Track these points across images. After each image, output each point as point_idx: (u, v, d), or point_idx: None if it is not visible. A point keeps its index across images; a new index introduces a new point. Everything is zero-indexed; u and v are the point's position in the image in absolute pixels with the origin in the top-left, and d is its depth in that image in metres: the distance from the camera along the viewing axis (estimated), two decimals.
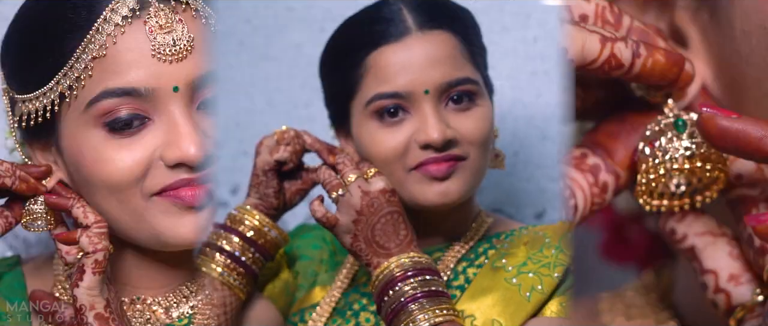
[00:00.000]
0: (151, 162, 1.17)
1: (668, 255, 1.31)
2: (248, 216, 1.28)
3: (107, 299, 1.16)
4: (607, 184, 1.05)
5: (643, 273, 1.36)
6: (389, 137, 1.24)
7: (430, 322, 1.16)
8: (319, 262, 1.40)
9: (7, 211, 1.20)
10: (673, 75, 0.99)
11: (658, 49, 0.99)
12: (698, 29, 1.04)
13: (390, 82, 1.23)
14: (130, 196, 1.17)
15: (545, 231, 1.29)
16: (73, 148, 1.19)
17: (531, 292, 1.22)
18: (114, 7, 1.16)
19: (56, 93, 1.17)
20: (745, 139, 0.91)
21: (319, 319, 1.32)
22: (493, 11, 1.71)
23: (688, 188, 1.05)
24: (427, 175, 1.23)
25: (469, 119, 1.25)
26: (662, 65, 0.98)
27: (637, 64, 0.98)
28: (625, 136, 1.06)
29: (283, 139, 1.29)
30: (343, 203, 1.22)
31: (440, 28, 1.25)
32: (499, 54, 1.72)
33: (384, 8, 1.27)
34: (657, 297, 1.28)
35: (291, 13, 1.81)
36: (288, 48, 1.80)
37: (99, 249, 1.15)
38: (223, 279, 1.25)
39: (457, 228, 1.33)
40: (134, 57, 1.15)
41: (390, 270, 1.20)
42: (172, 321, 1.26)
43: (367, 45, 1.25)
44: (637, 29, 1.02)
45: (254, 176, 1.30)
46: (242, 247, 1.26)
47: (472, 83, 1.26)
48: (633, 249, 1.53)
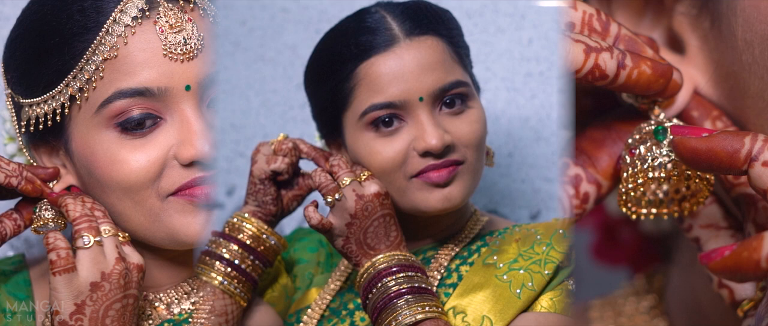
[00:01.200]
0: (166, 161, 1.18)
1: (660, 258, 1.31)
2: (246, 224, 1.28)
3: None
4: (588, 194, 1.04)
5: (635, 279, 1.34)
6: (387, 147, 1.25)
7: (414, 318, 1.17)
8: (315, 265, 1.41)
9: (16, 214, 1.21)
10: (659, 85, 0.99)
11: (644, 59, 0.98)
12: (698, 36, 1.03)
13: (383, 92, 1.23)
14: (145, 197, 1.18)
15: (537, 228, 1.30)
16: (85, 150, 1.19)
17: (521, 289, 1.22)
18: (123, 8, 1.16)
19: (66, 96, 1.17)
20: (716, 157, 0.90)
21: (311, 320, 1.34)
22: (487, 12, 1.73)
23: (677, 195, 1.04)
24: (429, 182, 1.24)
25: (463, 122, 1.26)
26: (648, 76, 0.97)
27: (622, 75, 0.97)
28: (610, 144, 1.05)
29: (280, 150, 1.29)
30: (338, 207, 1.23)
31: (427, 33, 1.25)
32: (494, 55, 1.74)
33: (366, 17, 1.27)
34: (648, 304, 1.27)
35: (286, 14, 1.82)
36: (283, 49, 1.81)
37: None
38: (224, 287, 1.25)
39: (452, 228, 1.34)
40: (146, 57, 1.16)
41: (375, 268, 1.21)
42: (173, 316, 1.27)
43: (356, 57, 1.25)
44: (625, 37, 1.01)
45: (251, 184, 1.30)
46: (241, 255, 1.26)
47: (464, 85, 1.26)
48: (625, 251, 1.51)
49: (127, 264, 1.15)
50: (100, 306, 1.13)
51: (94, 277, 1.13)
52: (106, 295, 1.13)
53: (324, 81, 1.29)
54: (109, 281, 1.13)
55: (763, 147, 0.84)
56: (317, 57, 1.32)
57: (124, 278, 1.14)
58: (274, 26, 1.82)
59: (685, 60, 1.04)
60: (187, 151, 1.16)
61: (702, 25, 1.01)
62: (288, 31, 1.81)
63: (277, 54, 1.82)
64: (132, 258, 1.17)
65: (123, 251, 1.16)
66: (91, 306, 1.13)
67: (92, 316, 1.13)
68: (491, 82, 1.73)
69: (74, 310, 1.12)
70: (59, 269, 1.12)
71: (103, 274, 1.13)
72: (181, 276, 1.29)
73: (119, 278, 1.14)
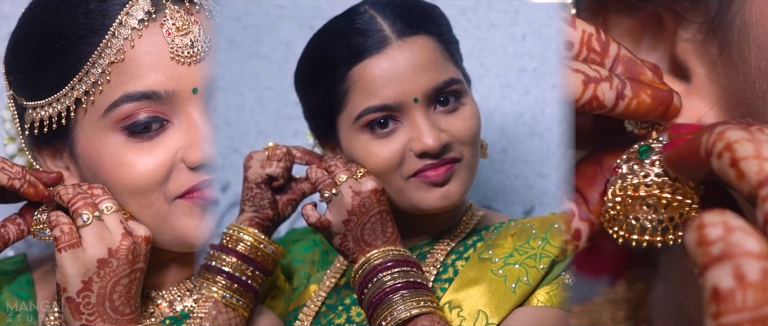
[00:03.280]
0: (173, 164, 1.18)
1: (644, 264, 1.29)
2: (244, 235, 1.26)
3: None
4: (579, 231, 1.00)
5: (616, 284, 1.30)
6: (383, 148, 1.25)
7: (410, 313, 1.18)
8: (311, 263, 1.42)
9: (19, 219, 1.22)
10: (659, 113, 0.95)
11: (644, 87, 0.95)
12: (705, 63, 0.98)
13: (378, 94, 1.24)
14: (153, 200, 1.18)
15: (533, 222, 1.31)
16: (91, 154, 1.19)
17: (516, 284, 1.23)
18: (129, 10, 1.16)
19: (71, 99, 1.17)
20: (686, 162, 0.86)
21: (307, 317, 1.35)
22: (481, 8, 1.74)
23: (671, 223, 0.98)
24: (427, 182, 1.25)
25: (458, 120, 1.27)
26: (647, 105, 0.94)
27: (621, 105, 0.94)
28: (600, 180, 1.01)
29: (274, 155, 1.29)
30: (335, 203, 1.24)
31: (418, 33, 1.26)
32: (488, 51, 1.74)
33: (356, 18, 1.27)
34: (625, 313, 1.25)
35: (281, 11, 1.82)
36: (278, 46, 1.81)
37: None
38: (226, 301, 1.24)
39: (448, 224, 1.35)
40: (153, 60, 1.16)
41: (370, 263, 1.22)
42: (176, 314, 1.27)
43: (349, 59, 1.25)
44: (625, 58, 0.97)
45: (247, 190, 1.29)
46: (241, 267, 1.25)
47: (457, 83, 1.27)
48: (606, 261, 1.47)
49: (134, 238, 1.15)
50: (107, 282, 1.13)
51: (101, 254, 1.13)
52: (114, 271, 1.13)
53: (316, 83, 1.30)
54: (117, 257, 1.14)
55: (716, 140, 0.83)
56: (308, 59, 1.33)
57: (132, 253, 1.15)
58: (268, 23, 1.83)
59: (690, 89, 1.01)
60: (195, 155, 1.17)
61: (709, 52, 0.98)
62: (282, 28, 1.81)
63: (272, 50, 1.82)
64: (138, 231, 1.17)
65: (128, 226, 1.16)
66: (99, 283, 1.13)
67: (100, 292, 1.13)
68: (485, 78, 1.74)
69: (82, 288, 1.13)
70: (64, 244, 1.13)
71: (110, 250, 1.14)
72: (184, 275, 1.30)
73: (127, 253, 1.14)
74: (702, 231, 0.72)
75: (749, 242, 0.71)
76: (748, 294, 0.68)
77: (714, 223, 0.72)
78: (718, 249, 0.71)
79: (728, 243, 0.71)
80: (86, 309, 1.13)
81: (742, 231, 0.71)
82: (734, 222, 0.72)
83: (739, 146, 0.77)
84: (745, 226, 0.72)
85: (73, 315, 1.13)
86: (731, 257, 0.70)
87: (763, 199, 0.73)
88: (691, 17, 0.96)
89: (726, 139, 0.79)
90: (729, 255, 0.70)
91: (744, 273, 0.69)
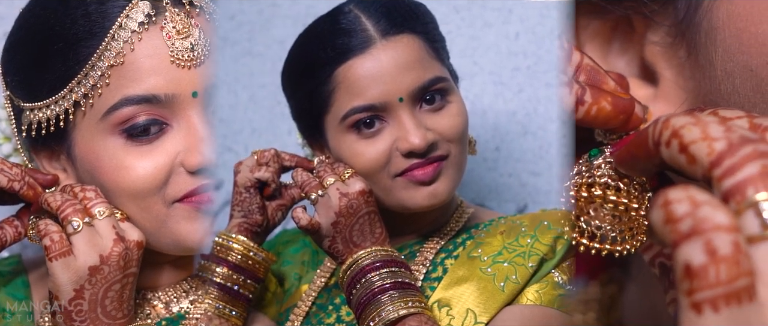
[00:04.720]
0: (172, 168, 1.18)
1: (618, 266, 1.29)
2: (233, 244, 1.27)
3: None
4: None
5: (590, 285, 1.34)
6: (370, 148, 1.26)
7: (398, 313, 1.19)
8: (300, 264, 1.43)
9: (17, 221, 1.21)
10: (619, 121, 0.95)
11: (605, 95, 0.94)
12: (672, 66, 0.98)
13: (363, 95, 1.24)
14: (152, 203, 1.18)
15: (523, 220, 1.31)
16: (90, 156, 1.19)
17: (505, 282, 1.24)
18: (129, 13, 1.15)
19: (70, 101, 1.17)
20: (637, 157, 0.84)
21: (297, 317, 1.36)
22: (475, 7, 1.75)
23: (620, 235, 0.96)
24: (414, 181, 1.26)
25: (444, 118, 1.27)
26: (607, 113, 0.93)
27: (580, 111, 0.93)
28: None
29: (262, 158, 1.30)
30: (323, 206, 1.25)
31: (402, 32, 1.26)
32: (481, 49, 1.75)
33: (341, 18, 1.27)
34: (596, 314, 1.22)
35: (275, 9, 1.84)
36: (272, 44, 1.82)
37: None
38: (219, 312, 1.24)
39: (437, 222, 1.36)
40: (153, 63, 1.15)
41: (358, 263, 1.23)
42: (172, 315, 1.27)
43: (333, 60, 1.26)
44: (587, 67, 0.96)
45: (237, 194, 1.29)
46: (233, 277, 1.26)
47: (442, 81, 1.28)
48: (583, 262, 1.45)
49: (126, 243, 1.15)
50: (99, 288, 1.13)
51: (93, 261, 1.13)
52: (105, 278, 1.13)
53: (302, 84, 1.30)
54: (108, 263, 1.13)
55: (662, 129, 0.82)
56: (294, 60, 1.33)
57: (124, 259, 1.14)
58: (262, 20, 1.84)
59: (658, 93, 1.00)
60: (195, 159, 1.17)
61: (677, 55, 0.97)
62: (276, 26, 1.82)
63: (266, 48, 1.83)
64: (131, 235, 1.17)
65: (121, 229, 1.16)
66: (90, 290, 1.13)
67: (91, 300, 1.13)
68: (478, 77, 1.75)
69: (74, 296, 1.12)
70: (55, 254, 1.12)
71: (101, 257, 1.13)
72: (180, 276, 1.31)
73: (119, 259, 1.14)
74: (668, 207, 0.70)
75: (718, 215, 0.69)
76: (721, 268, 0.67)
77: (679, 199, 0.70)
78: (687, 225, 0.69)
79: (697, 219, 0.69)
80: (78, 316, 1.13)
81: (709, 205, 0.69)
82: (700, 196, 0.70)
83: (685, 131, 0.76)
84: (711, 200, 0.70)
85: (66, 322, 1.14)
86: (701, 232, 0.68)
87: (718, 179, 0.71)
88: (660, 20, 0.96)
89: (672, 126, 0.77)
90: (699, 231, 0.68)
91: (715, 247, 0.68)
